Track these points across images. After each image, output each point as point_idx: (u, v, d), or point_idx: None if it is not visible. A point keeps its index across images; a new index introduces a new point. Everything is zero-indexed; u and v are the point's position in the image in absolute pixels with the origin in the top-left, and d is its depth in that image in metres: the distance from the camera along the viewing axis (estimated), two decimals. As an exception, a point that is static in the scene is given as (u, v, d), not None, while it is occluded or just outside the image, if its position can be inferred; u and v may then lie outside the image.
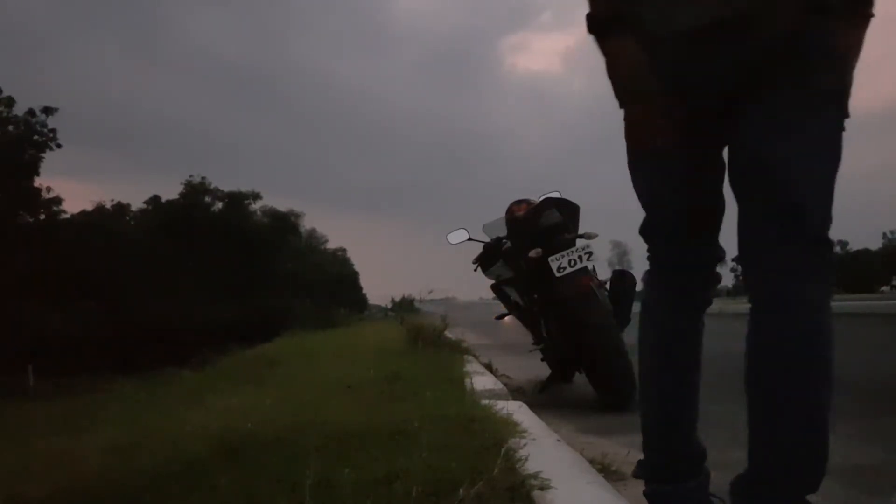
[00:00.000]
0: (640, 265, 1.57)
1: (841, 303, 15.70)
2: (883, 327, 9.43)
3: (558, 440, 2.15)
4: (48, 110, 32.58)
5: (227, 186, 41.46)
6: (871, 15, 1.21)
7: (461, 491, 1.37)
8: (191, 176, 40.29)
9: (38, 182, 32.56)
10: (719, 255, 1.43)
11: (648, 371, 1.47)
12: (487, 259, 4.34)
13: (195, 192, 39.97)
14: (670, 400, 1.44)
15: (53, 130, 32.66)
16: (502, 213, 4.10)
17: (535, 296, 3.81)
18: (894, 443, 2.37)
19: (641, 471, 1.49)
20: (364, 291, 62.12)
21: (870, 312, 12.06)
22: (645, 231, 1.46)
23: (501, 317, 4.56)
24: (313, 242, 54.13)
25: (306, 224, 49.85)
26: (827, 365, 1.23)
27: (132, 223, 39.13)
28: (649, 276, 1.49)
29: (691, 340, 1.44)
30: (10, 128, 31.99)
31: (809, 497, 1.30)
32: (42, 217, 33.31)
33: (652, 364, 1.46)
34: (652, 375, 1.46)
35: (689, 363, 1.44)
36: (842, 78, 1.22)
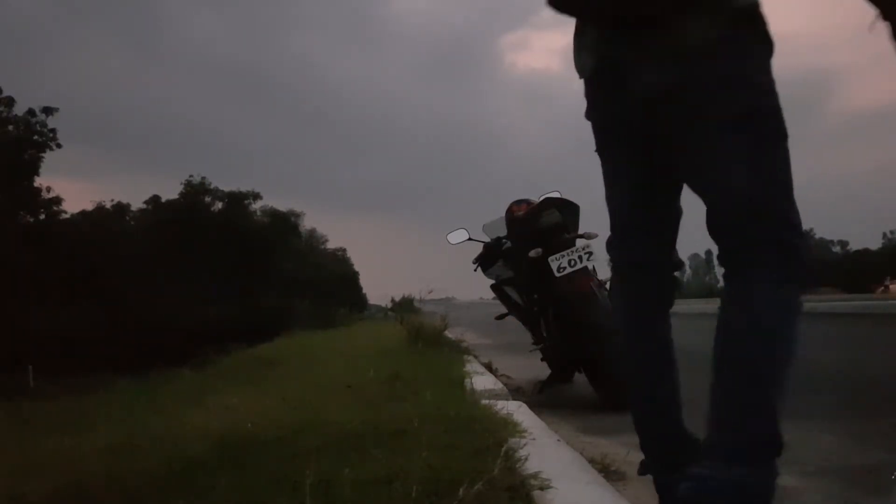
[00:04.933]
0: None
1: (841, 303, 15.70)
2: (882, 327, 9.43)
3: (558, 440, 2.15)
4: (48, 110, 32.61)
5: (227, 186, 41.53)
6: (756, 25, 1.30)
7: (461, 491, 1.37)
8: (191, 176, 40.37)
9: (38, 182, 32.62)
10: (674, 261, 1.55)
11: (627, 369, 1.56)
12: (487, 259, 4.34)
13: (195, 192, 39.98)
14: (649, 395, 1.51)
15: (53, 130, 32.71)
16: (502, 213, 4.10)
17: (535, 296, 3.81)
18: (894, 443, 2.37)
19: (645, 468, 1.53)
20: (364, 291, 62.04)
21: (869, 312, 12.06)
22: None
23: (501, 317, 4.56)
24: (313, 242, 54.14)
25: (306, 224, 49.93)
26: (763, 360, 1.29)
27: (132, 223, 39.14)
28: (612, 277, 1.63)
29: (657, 339, 1.52)
30: (10, 128, 32.00)
31: (808, 497, 1.30)
32: (42, 217, 33.32)
33: (628, 363, 1.55)
34: (630, 374, 1.55)
35: (660, 361, 1.51)
36: (746, 100, 1.30)
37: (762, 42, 1.32)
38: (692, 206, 1.47)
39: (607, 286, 3.70)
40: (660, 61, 1.33)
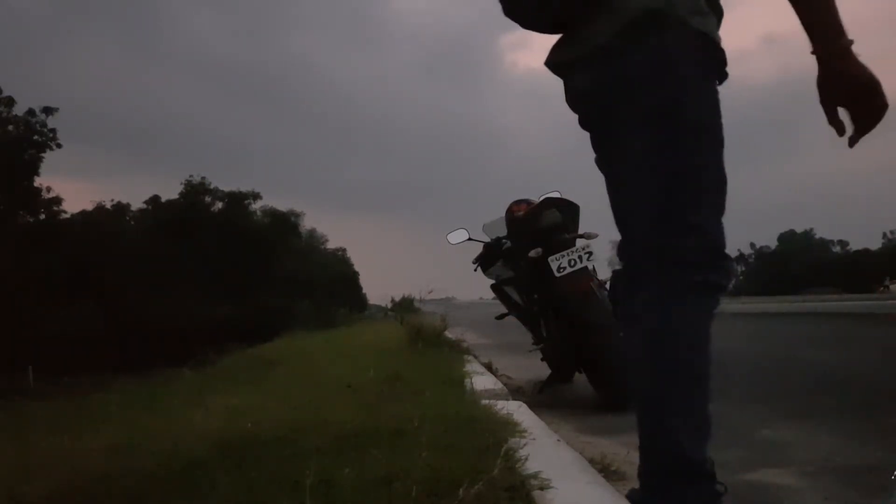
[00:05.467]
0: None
1: (841, 303, 15.70)
2: (883, 327, 9.43)
3: (558, 440, 2.15)
4: (48, 110, 32.67)
5: (227, 186, 41.60)
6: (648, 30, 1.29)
7: (461, 491, 1.37)
8: (191, 176, 40.45)
9: (38, 182, 32.66)
10: None
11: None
12: (487, 259, 4.34)
13: (195, 192, 40.02)
14: None
15: (53, 130, 32.78)
16: (502, 213, 4.10)
17: (535, 296, 3.81)
18: (894, 443, 2.37)
19: None
20: (364, 291, 62.00)
21: (870, 312, 12.06)
22: None
23: (501, 317, 4.56)
24: (313, 242, 54.13)
25: (306, 224, 49.95)
26: (651, 382, 1.29)
27: (132, 223, 39.16)
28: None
29: None
30: (10, 128, 32.02)
31: (808, 497, 1.30)
32: (42, 217, 33.34)
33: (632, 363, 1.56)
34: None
35: None
36: (645, 105, 1.30)
37: (674, 46, 1.28)
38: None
39: (607, 286, 3.70)
40: (577, 67, 1.38)
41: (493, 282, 4.36)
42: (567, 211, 3.80)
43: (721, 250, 1.33)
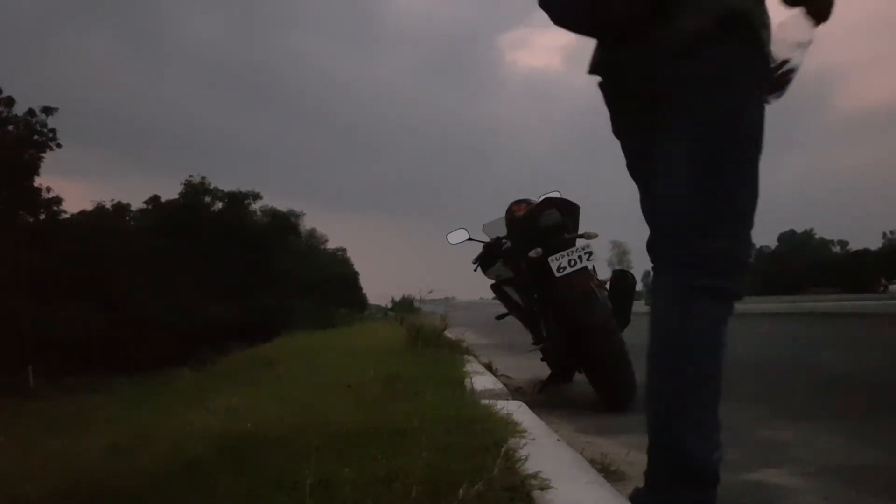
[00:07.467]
0: (640, 265, 1.62)
1: (841, 303, 15.71)
2: (882, 327, 9.43)
3: (558, 440, 2.15)
4: (48, 110, 32.61)
5: (227, 186, 41.54)
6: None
7: (461, 491, 1.37)
8: (191, 176, 40.36)
9: (38, 182, 32.62)
10: None
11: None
12: (487, 259, 4.34)
13: (195, 192, 39.98)
14: None
15: (53, 130, 32.72)
16: (502, 213, 4.10)
17: (535, 296, 3.81)
18: (894, 443, 2.37)
19: None
20: (364, 291, 61.93)
21: (870, 312, 12.06)
22: None
23: (501, 317, 4.56)
24: (313, 242, 54.12)
25: (306, 224, 49.96)
26: (667, 367, 1.31)
27: (132, 223, 39.13)
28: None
29: None
30: (10, 128, 32.01)
31: (808, 497, 1.30)
32: (42, 217, 33.32)
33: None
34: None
35: None
36: (691, 113, 1.31)
37: (744, 55, 1.29)
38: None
39: (607, 286, 3.70)
40: (633, 64, 1.38)
41: (493, 282, 4.36)
42: (567, 211, 3.80)
43: (740, 261, 1.33)
